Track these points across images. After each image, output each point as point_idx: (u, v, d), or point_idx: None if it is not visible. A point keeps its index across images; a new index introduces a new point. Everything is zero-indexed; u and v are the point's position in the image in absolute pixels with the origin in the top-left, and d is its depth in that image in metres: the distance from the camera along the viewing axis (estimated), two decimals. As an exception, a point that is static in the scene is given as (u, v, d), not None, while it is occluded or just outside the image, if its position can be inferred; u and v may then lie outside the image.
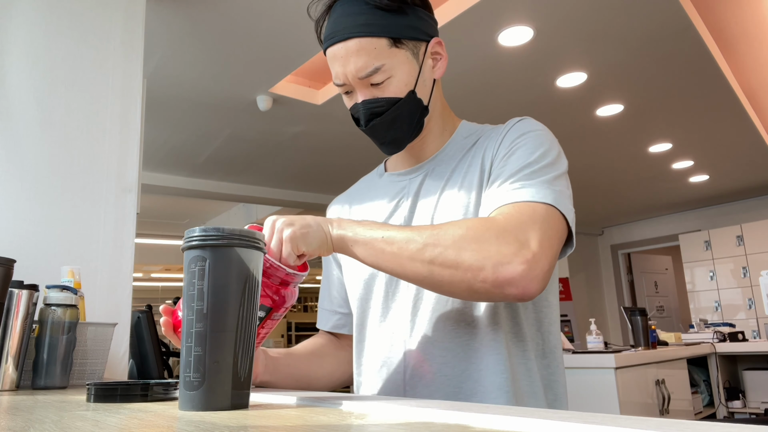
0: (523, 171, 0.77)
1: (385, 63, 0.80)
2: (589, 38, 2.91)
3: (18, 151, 1.39)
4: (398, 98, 0.82)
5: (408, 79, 0.83)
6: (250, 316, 0.53)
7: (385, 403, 0.50)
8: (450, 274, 0.69)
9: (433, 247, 0.69)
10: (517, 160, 0.78)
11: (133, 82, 1.61)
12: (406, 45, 0.82)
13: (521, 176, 0.76)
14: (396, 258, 0.70)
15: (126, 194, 1.52)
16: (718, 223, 6.81)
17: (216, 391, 0.50)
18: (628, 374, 2.45)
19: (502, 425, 0.37)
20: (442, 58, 0.88)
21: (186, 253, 0.53)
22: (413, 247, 0.69)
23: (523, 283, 0.67)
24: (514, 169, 0.78)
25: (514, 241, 0.68)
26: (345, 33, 0.80)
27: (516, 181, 0.76)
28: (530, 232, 0.69)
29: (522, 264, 0.67)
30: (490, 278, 0.67)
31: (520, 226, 0.70)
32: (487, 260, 0.67)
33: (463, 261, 0.68)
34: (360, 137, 4.17)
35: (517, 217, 0.71)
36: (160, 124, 3.84)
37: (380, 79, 0.81)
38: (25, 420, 0.48)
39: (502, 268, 0.67)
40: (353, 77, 0.81)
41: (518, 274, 0.67)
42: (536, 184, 0.75)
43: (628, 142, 4.54)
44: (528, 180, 0.75)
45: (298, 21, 2.63)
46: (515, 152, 0.80)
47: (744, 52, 3.43)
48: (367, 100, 0.82)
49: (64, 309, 0.96)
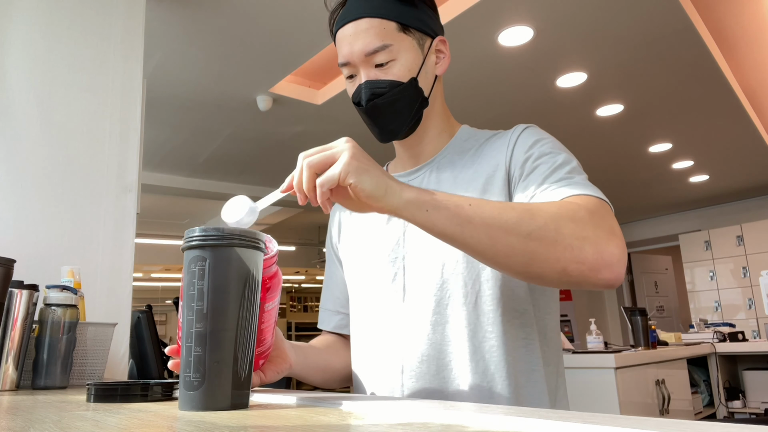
0: (562, 170, 0.75)
1: (393, 44, 0.82)
2: (589, 38, 2.92)
3: (18, 151, 1.39)
4: (400, 82, 0.83)
5: (411, 65, 0.84)
6: (250, 316, 0.53)
7: (385, 403, 0.50)
8: (547, 251, 0.64)
9: (531, 220, 0.64)
10: (546, 165, 0.77)
11: (133, 82, 1.61)
12: (413, 34, 0.85)
13: (564, 175, 0.75)
14: (488, 229, 0.64)
15: (126, 194, 1.52)
16: (718, 223, 6.81)
17: (216, 391, 0.50)
18: (628, 374, 2.45)
19: (502, 425, 0.37)
20: (445, 56, 0.90)
21: (186, 253, 0.53)
22: (509, 218, 0.64)
23: (618, 268, 0.65)
24: (549, 170, 0.76)
25: (606, 225, 0.66)
26: (357, 13, 0.83)
27: (562, 179, 0.74)
28: (611, 221, 0.68)
29: (618, 248, 0.65)
30: (589, 259, 0.64)
31: (602, 214, 0.68)
32: (587, 241, 0.64)
33: (564, 238, 0.64)
34: (360, 137, 4.16)
35: (594, 206, 0.69)
36: (160, 124, 3.84)
37: (385, 58, 0.82)
38: (25, 420, 0.48)
39: (601, 249, 0.64)
40: (359, 55, 0.83)
41: (616, 258, 0.65)
42: (583, 182, 0.74)
43: (628, 142, 4.54)
44: (573, 178, 0.74)
45: (298, 21, 2.63)
46: (542, 156, 0.79)
47: (744, 52, 3.43)
48: (370, 80, 0.83)
49: (64, 309, 0.97)
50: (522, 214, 0.65)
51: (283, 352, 0.82)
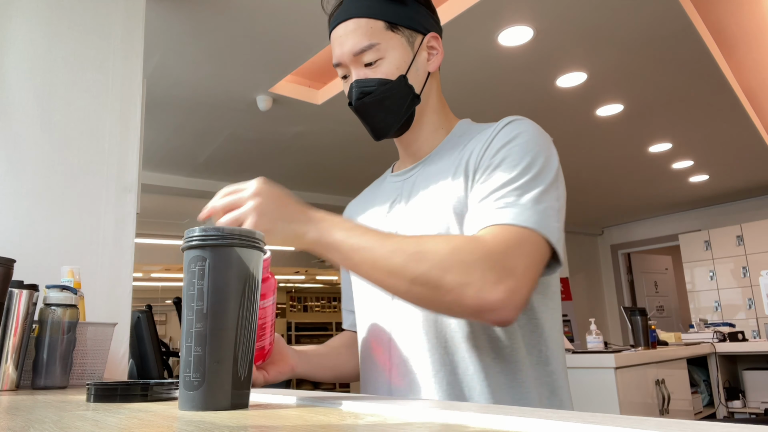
0: (508, 186, 0.74)
1: (380, 43, 0.84)
2: (589, 38, 2.92)
3: (18, 151, 1.39)
4: (388, 80, 0.84)
5: (400, 63, 0.85)
6: (250, 316, 0.53)
7: (385, 403, 0.50)
8: (431, 294, 0.67)
9: (417, 265, 0.66)
10: (502, 173, 0.76)
11: (133, 82, 1.61)
12: (402, 31, 0.86)
13: (506, 193, 0.74)
14: (375, 272, 0.68)
15: (126, 194, 1.52)
16: (718, 223, 6.81)
17: (216, 391, 0.50)
18: (628, 374, 2.45)
19: (502, 425, 0.37)
20: (438, 53, 0.90)
21: (186, 253, 0.53)
22: (395, 263, 0.67)
23: (504, 312, 0.67)
24: (498, 183, 0.75)
25: (499, 267, 0.67)
26: (346, 15, 0.85)
27: (501, 198, 0.74)
28: (516, 259, 0.68)
29: (504, 293, 0.66)
30: (470, 303, 0.66)
31: (506, 252, 0.68)
32: (470, 286, 0.65)
33: (446, 283, 0.66)
34: (360, 137, 4.17)
35: (504, 241, 0.69)
36: (160, 124, 3.84)
37: (372, 57, 0.84)
38: (25, 420, 0.48)
39: (484, 295, 0.65)
40: (349, 55, 0.85)
41: (499, 301, 0.66)
42: (521, 204, 0.72)
43: (628, 142, 4.54)
44: (513, 197, 0.73)
45: (298, 21, 2.63)
46: (501, 164, 0.77)
47: (744, 52, 3.43)
48: (359, 79, 0.85)
49: (64, 309, 0.96)
50: (410, 258, 0.67)
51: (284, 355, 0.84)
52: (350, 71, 0.87)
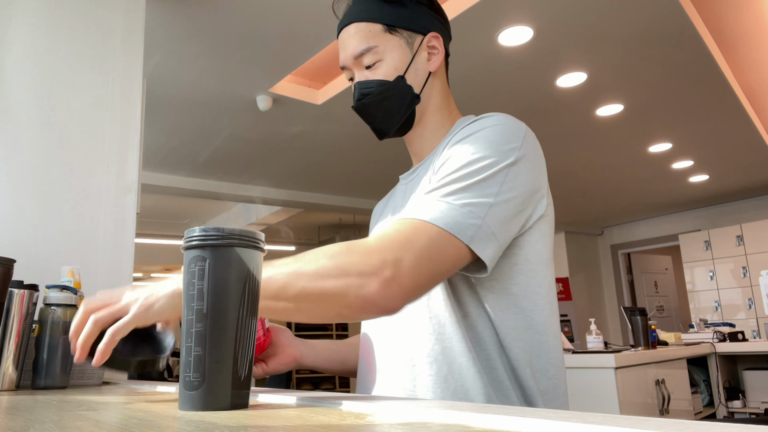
0: (436, 184, 0.74)
1: (378, 45, 0.86)
2: (589, 38, 2.92)
3: (18, 151, 1.39)
4: (387, 81, 0.86)
5: (398, 64, 0.87)
6: (250, 316, 0.53)
7: (385, 403, 0.50)
8: (316, 306, 0.68)
9: (295, 282, 0.67)
10: (441, 171, 0.76)
11: (133, 82, 1.61)
12: (400, 33, 0.87)
13: (430, 189, 0.74)
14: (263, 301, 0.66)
15: (126, 194, 1.52)
16: (718, 223, 6.81)
17: (216, 391, 0.50)
18: (628, 374, 2.45)
19: (502, 425, 0.37)
20: (439, 52, 0.91)
21: (186, 253, 0.53)
22: (275, 287, 0.66)
23: (383, 302, 0.67)
24: (432, 183, 0.75)
25: (377, 261, 0.67)
26: (347, 20, 0.89)
27: (427, 193, 0.74)
28: (398, 252, 0.67)
29: (379, 283, 0.66)
30: (353, 303, 0.67)
31: (389, 246, 0.68)
32: (349, 287, 0.66)
33: (327, 291, 0.66)
34: (360, 137, 4.17)
35: (393, 236, 0.69)
36: (160, 124, 3.84)
37: (371, 60, 0.86)
38: (25, 420, 0.48)
39: (362, 291, 0.66)
40: (350, 58, 0.88)
41: (375, 293, 0.66)
42: (438, 200, 0.72)
43: (628, 142, 4.54)
44: (435, 195, 0.73)
45: (298, 21, 2.63)
46: (444, 162, 0.77)
47: (744, 52, 3.43)
48: (360, 81, 0.88)
49: (64, 309, 0.96)
50: (288, 278, 0.67)
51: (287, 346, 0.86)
52: (354, 74, 0.89)
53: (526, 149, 0.77)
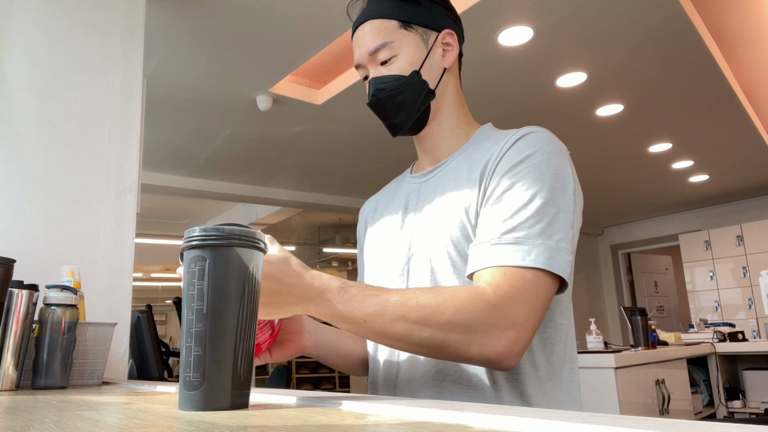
0: (516, 217, 0.73)
1: (393, 41, 0.87)
2: (589, 38, 2.92)
3: (18, 151, 1.39)
4: (402, 76, 0.86)
5: (413, 59, 0.87)
6: (250, 316, 0.53)
7: (385, 403, 0.50)
8: (435, 353, 0.71)
9: (420, 331, 0.68)
10: (511, 200, 0.75)
11: (133, 82, 1.61)
12: (415, 29, 0.88)
13: (515, 226, 0.73)
14: (380, 338, 0.70)
15: (126, 194, 1.52)
16: (718, 223, 6.81)
17: (216, 391, 0.50)
18: (628, 374, 2.45)
19: (502, 425, 0.37)
20: (453, 49, 0.91)
21: (186, 253, 0.53)
22: (400, 331, 0.69)
23: (506, 362, 0.69)
24: (506, 213, 0.74)
25: (501, 321, 0.68)
26: (362, 18, 0.90)
27: (507, 232, 0.73)
28: (518, 309, 0.69)
29: (506, 345, 0.68)
30: (475, 359, 0.69)
31: (509, 303, 0.69)
32: (473, 344, 0.68)
33: (450, 344, 0.68)
34: (360, 137, 4.17)
35: (507, 290, 0.69)
36: (160, 124, 3.84)
37: (386, 55, 0.87)
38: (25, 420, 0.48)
39: (486, 350, 0.68)
40: (365, 55, 0.88)
41: (501, 355, 0.68)
42: (529, 239, 0.72)
43: (628, 142, 4.54)
44: (523, 232, 0.72)
45: (298, 21, 2.63)
46: (510, 188, 0.76)
47: (744, 52, 3.43)
48: (375, 77, 0.88)
49: (64, 309, 0.96)
50: (413, 326, 0.68)
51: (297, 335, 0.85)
52: (369, 71, 0.90)
53: (573, 171, 0.80)
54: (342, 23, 2.64)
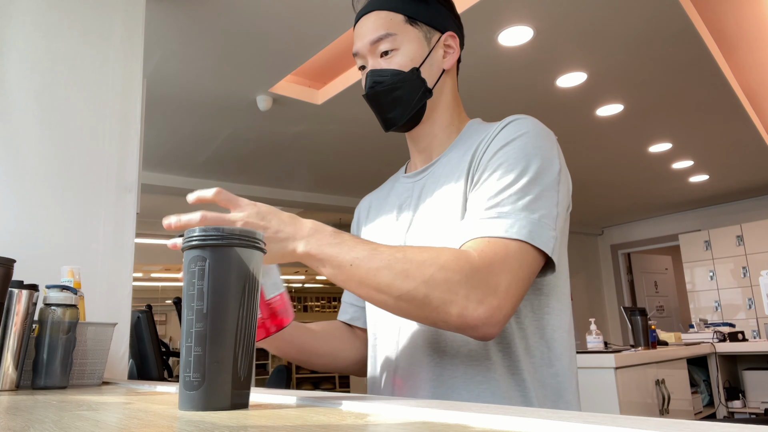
0: (502, 194, 0.74)
1: (397, 34, 0.87)
2: (589, 38, 2.91)
3: (18, 150, 1.39)
4: (401, 71, 0.86)
5: (415, 56, 0.87)
6: (250, 316, 0.53)
7: (385, 403, 0.50)
8: (415, 310, 0.69)
9: (403, 282, 0.68)
10: (497, 178, 0.76)
11: (133, 82, 1.61)
12: (419, 27, 0.88)
13: (499, 201, 0.74)
14: (363, 288, 0.69)
15: (126, 194, 1.52)
16: (718, 223, 6.81)
17: (216, 390, 0.50)
18: (628, 374, 2.45)
19: (502, 425, 0.37)
20: (454, 51, 0.92)
21: (186, 253, 0.53)
22: (382, 280, 0.68)
23: (484, 329, 0.68)
24: (492, 190, 0.75)
25: (483, 285, 0.68)
26: (369, 8, 0.89)
27: (494, 207, 0.74)
28: (501, 276, 0.69)
29: (487, 311, 0.68)
30: (453, 321, 0.68)
31: (490, 269, 0.69)
32: (454, 304, 0.67)
33: (431, 301, 0.67)
34: (360, 137, 4.17)
35: (490, 257, 0.70)
36: (160, 124, 3.84)
37: (388, 47, 0.86)
38: (25, 420, 0.48)
39: (467, 313, 0.67)
40: (367, 44, 0.88)
41: (481, 320, 0.68)
42: (513, 213, 0.73)
43: (628, 142, 4.54)
44: (507, 206, 0.73)
45: (298, 21, 2.63)
46: (497, 168, 0.77)
47: (744, 52, 3.43)
48: (374, 69, 0.88)
49: (64, 309, 0.96)
50: (396, 276, 0.68)
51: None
52: (367, 61, 0.89)
53: (561, 155, 0.81)
54: (342, 23, 2.64)
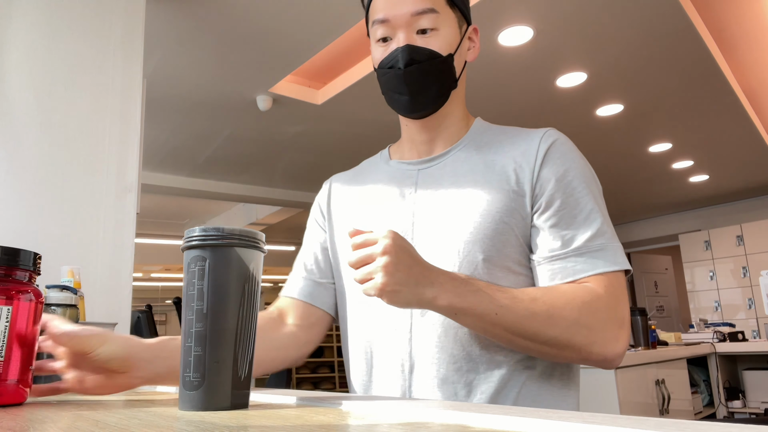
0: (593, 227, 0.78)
1: (440, 13, 0.81)
2: (589, 38, 2.91)
3: (18, 151, 1.39)
4: (440, 54, 0.81)
5: (451, 41, 0.83)
6: (250, 316, 0.53)
7: (385, 403, 0.50)
8: (557, 351, 0.72)
9: (549, 329, 0.70)
10: (580, 212, 0.79)
11: (133, 82, 1.61)
12: (456, 12, 0.84)
13: (594, 234, 0.77)
14: (508, 335, 0.70)
15: (126, 194, 1.52)
16: (718, 223, 6.81)
17: (216, 390, 0.50)
18: (628, 374, 2.45)
19: (502, 425, 0.37)
20: (476, 46, 0.90)
21: (186, 253, 0.53)
22: (530, 328, 0.70)
23: (617, 361, 0.73)
24: (582, 225, 0.78)
25: (616, 322, 0.73)
26: None
27: (593, 239, 0.77)
28: (624, 308, 0.74)
29: (622, 345, 0.72)
30: (594, 358, 0.72)
31: (617, 304, 0.74)
32: (595, 344, 0.71)
33: (575, 344, 0.71)
34: (360, 137, 4.17)
35: (614, 293, 0.74)
36: (160, 124, 3.84)
37: (429, 24, 0.80)
38: (25, 420, 0.48)
39: (606, 351, 0.71)
40: (405, 15, 0.80)
41: (618, 354, 0.72)
42: (610, 245, 0.77)
43: (628, 142, 4.54)
44: (603, 240, 0.77)
45: (298, 21, 2.63)
46: (575, 202, 0.80)
47: (744, 52, 3.43)
48: (412, 45, 0.80)
49: (64, 309, 0.96)
50: (543, 324, 0.70)
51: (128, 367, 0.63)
52: (396, 33, 0.81)
53: None
54: (342, 23, 2.63)
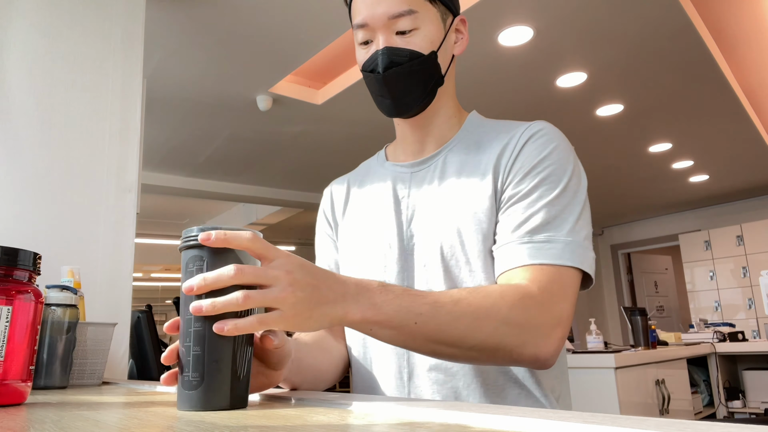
0: (546, 216, 0.73)
1: (419, 12, 0.79)
2: (589, 38, 2.92)
3: (18, 151, 1.39)
4: (421, 53, 0.80)
5: (434, 38, 0.81)
6: (249, 315, 0.53)
7: (385, 403, 0.50)
8: (486, 356, 0.67)
9: (475, 333, 0.64)
10: (538, 198, 0.74)
11: (133, 82, 1.61)
12: (438, 6, 0.82)
13: (544, 224, 0.73)
14: (430, 344, 0.64)
15: (126, 194, 1.52)
16: (718, 223, 6.81)
17: (215, 390, 0.50)
18: (628, 374, 2.45)
19: (502, 425, 0.37)
20: (464, 37, 0.87)
21: (183, 253, 0.53)
22: (453, 334, 0.63)
23: (551, 361, 0.69)
24: (534, 210, 0.74)
25: (549, 319, 0.68)
26: None
27: (539, 230, 0.72)
28: (561, 305, 0.69)
29: (555, 344, 0.68)
30: (526, 359, 0.68)
31: (552, 300, 0.69)
32: (527, 344, 0.67)
33: (505, 346, 0.66)
34: (360, 137, 4.17)
35: (549, 288, 0.69)
36: (160, 124, 3.84)
37: (408, 25, 0.79)
38: (25, 420, 0.48)
39: (539, 350, 0.67)
40: (381, 17, 0.78)
41: (551, 353, 0.68)
42: (561, 238, 0.72)
43: (628, 142, 4.54)
44: (553, 231, 0.72)
45: (298, 21, 2.63)
46: (537, 186, 0.75)
47: (744, 52, 3.43)
48: (391, 47, 0.79)
49: (64, 309, 0.96)
50: (467, 328, 0.64)
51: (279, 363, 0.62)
52: (376, 36, 0.80)
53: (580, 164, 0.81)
54: (342, 23, 2.64)
